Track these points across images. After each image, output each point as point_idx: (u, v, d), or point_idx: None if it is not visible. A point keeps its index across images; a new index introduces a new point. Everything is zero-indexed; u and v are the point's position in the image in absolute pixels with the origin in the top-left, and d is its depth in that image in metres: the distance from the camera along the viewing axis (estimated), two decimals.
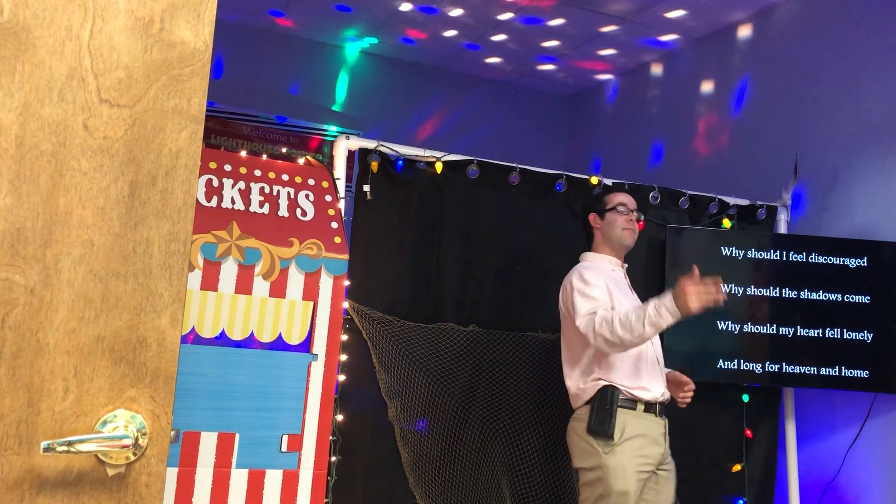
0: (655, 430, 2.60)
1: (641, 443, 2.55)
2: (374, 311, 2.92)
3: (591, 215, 2.83)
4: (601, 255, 2.80)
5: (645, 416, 2.58)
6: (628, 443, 2.52)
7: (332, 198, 2.74)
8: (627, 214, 2.77)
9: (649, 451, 2.56)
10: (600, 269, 2.73)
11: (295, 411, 2.48)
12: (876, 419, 3.26)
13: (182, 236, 1.06)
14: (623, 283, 2.76)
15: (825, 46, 3.77)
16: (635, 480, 2.50)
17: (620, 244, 2.78)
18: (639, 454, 2.53)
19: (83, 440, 0.97)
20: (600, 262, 2.78)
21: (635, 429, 2.54)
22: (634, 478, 2.50)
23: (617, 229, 2.76)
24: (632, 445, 2.52)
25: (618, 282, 2.73)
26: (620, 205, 2.78)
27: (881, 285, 3.24)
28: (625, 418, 2.53)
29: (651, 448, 2.57)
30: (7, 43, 0.99)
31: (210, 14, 1.09)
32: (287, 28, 5.04)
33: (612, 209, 2.78)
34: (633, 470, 2.50)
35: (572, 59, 5.12)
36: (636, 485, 2.51)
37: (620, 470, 2.48)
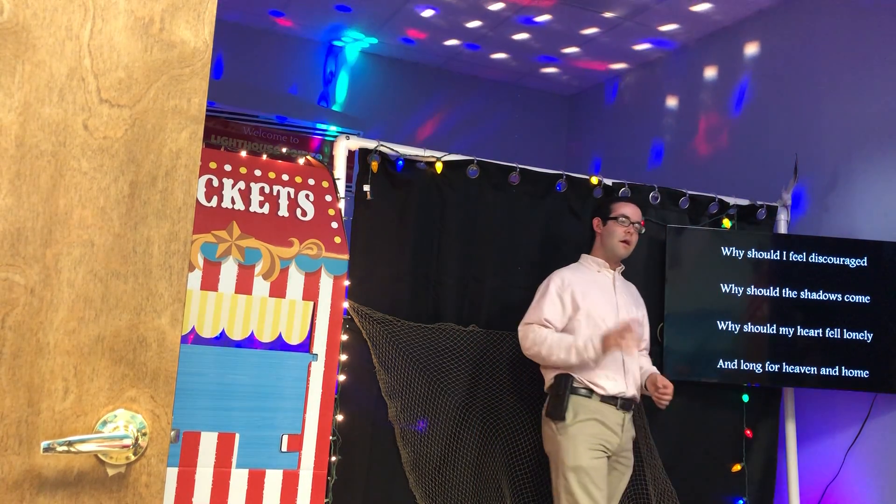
0: (612, 418, 2.75)
1: (594, 425, 2.73)
2: (374, 311, 2.92)
3: (595, 219, 3.00)
4: (592, 258, 2.97)
5: (601, 405, 2.75)
6: (581, 423, 2.72)
7: (332, 198, 2.74)
8: (627, 227, 2.91)
9: (605, 436, 2.73)
10: (586, 272, 2.92)
11: (295, 411, 2.47)
12: (876, 419, 3.26)
13: (182, 236, 1.06)
14: (605, 286, 2.90)
15: (825, 46, 3.77)
16: (589, 458, 2.67)
17: (613, 253, 2.94)
18: (591, 433, 2.71)
19: (83, 440, 0.97)
20: (589, 265, 2.96)
21: (588, 412, 2.73)
22: (588, 455, 2.67)
23: (613, 239, 2.92)
24: (584, 425, 2.71)
25: (598, 284, 2.89)
26: (623, 216, 2.92)
27: (881, 285, 3.24)
28: (578, 403, 2.74)
29: (607, 433, 2.73)
30: (7, 43, 0.99)
31: (210, 14, 1.09)
32: (287, 28, 5.04)
33: (614, 219, 2.93)
34: (584, 446, 2.68)
35: (572, 59, 5.12)
36: (591, 462, 2.67)
37: (572, 446, 2.69)
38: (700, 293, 3.29)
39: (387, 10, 4.59)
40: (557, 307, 2.80)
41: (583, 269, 2.94)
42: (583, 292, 2.82)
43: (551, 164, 3.40)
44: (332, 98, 5.27)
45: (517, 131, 5.63)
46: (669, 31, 4.52)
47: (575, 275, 2.89)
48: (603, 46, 4.85)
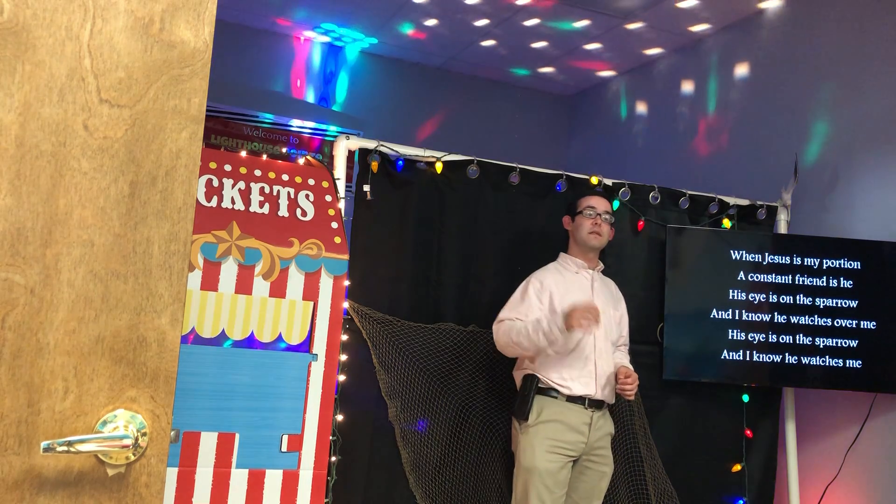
0: (576, 418, 2.74)
1: (556, 427, 2.71)
2: (374, 311, 2.92)
3: (565, 218, 3.00)
4: (570, 258, 2.96)
5: (566, 405, 2.74)
6: (542, 425, 2.71)
7: (332, 198, 2.74)
8: (594, 218, 2.89)
9: (567, 437, 2.72)
10: (564, 272, 2.90)
11: (295, 411, 2.47)
12: (876, 419, 3.26)
13: (182, 236, 1.06)
14: (583, 286, 2.88)
15: (825, 46, 3.77)
16: (545, 460, 2.68)
17: (586, 246, 2.91)
18: (551, 436, 2.70)
19: (83, 440, 0.97)
20: (566, 265, 2.94)
21: (551, 414, 2.73)
22: (544, 458, 2.68)
23: (583, 232, 2.90)
24: (545, 427, 2.71)
25: (576, 285, 2.87)
26: (589, 208, 2.92)
27: (881, 285, 3.24)
28: (543, 404, 2.74)
29: (570, 434, 2.72)
30: (7, 43, 0.99)
31: (210, 14, 1.09)
32: (286, 28, 5.04)
33: (580, 212, 2.92)
34: (541, 449, 2.69)
35: (572, 59, 5.12)
36: (547, 465, 2.68)
37: (529, 448, 2.70)
38: (700, 293, 3.29)
39: (387, 10, 4.59)
40: (533, 306, 2.78)
41: (561, 270, 2.91)
42: (560, 295, 2.79)
43: (551, 164, 3.40)
44: (332, 98, 5.27)
45: (517, 131, 5.63)
46: (669, 30, 4.52)
47: (553, 276, 2.86)
48: (603, 46, 4.85)
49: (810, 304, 3.26)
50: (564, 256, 2.96)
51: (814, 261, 3.29)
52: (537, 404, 2.73)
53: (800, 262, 3.29)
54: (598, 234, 2.89)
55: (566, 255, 2.96)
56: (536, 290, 2.81)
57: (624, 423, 3.19)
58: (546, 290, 2.80)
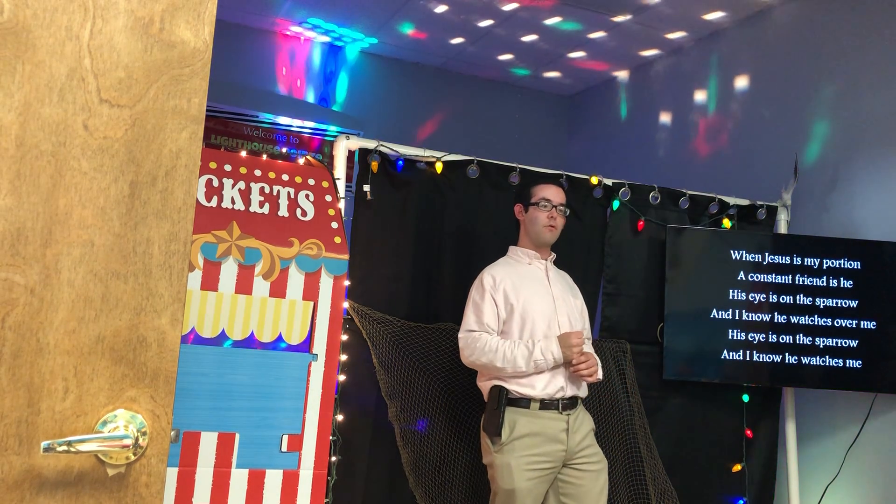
0: (553, 427, 2.57)
1: (532, 441, 2.55)
2: (374, 311, 2.92)
3: (517, 206, 2.82)
4: (522, 250, 2.79)
5: (539, 415, 2.57)
6: (517, 442, 2.54)
7: (332, 198, 2.74)
8: (549, 211, 2.73)
9: (544, 448, 2.55)
10: (517, 265, 2.75)
11: (295, 411, 2.47)
12: (876, 419, 3.26)
13: (182, 236, 1.06)
14: (538, 278, 2.73)
15: (825, 46, 3.77)
16: (524, 479, 2.52)
17: (539, 240, 2.75)
18: (528, 453, 2.54)
19: (83, 440, 0.97)
20: (519, 258, 2.78)
21: (525, 428, 2.56)
22: (522, 476, 2.52)
23: (537, 225, 2.73)
24: (521, 444, 2.54)
25: (530, 277, 2.72)
26: (544, 200, 2.74)
27: (881, 285, 3.25)
28: (515, 417, 2.56)
29: (547, 446, 2.56)
30: (7, 43, 0.99)
31: (210, 14, 1.09)
32: (286, 28, 5.04)
33: (535, 204, 2.75)
34: (520, 469, 2.52)
35: (572, 59, 5.12)
36: (526, 483, 2.52)
37: (506, 469, 2.53)
38: (700, 293, 3.29)
39: (387, 10, 4.59)
40: (491, 310, 2.64)
41: (512, 263, 2.76)
42: (515, 289, 2.65)
43: (551, 164, 3.40)
44: (332, 98, 5.27)
45: (517, 131, 5.63)
46: (669, 30, 4.52)
47: (505, 270, 2.71)
48: (603, 46, 4.85)
49: (810, 304, 3.26)
50: (514, 249, 2.81)
51: (814, 261, 3.29)
52: (509, 418, 2.56)
53: (800, 262, 3.29)
54: (552, 228, 2.73)
55: (516, 248, 2.81)
56: (491, 288, 2.66)
57: (624, 423, 3.19)
58: (500, 287, 2.66)
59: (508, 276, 2.69)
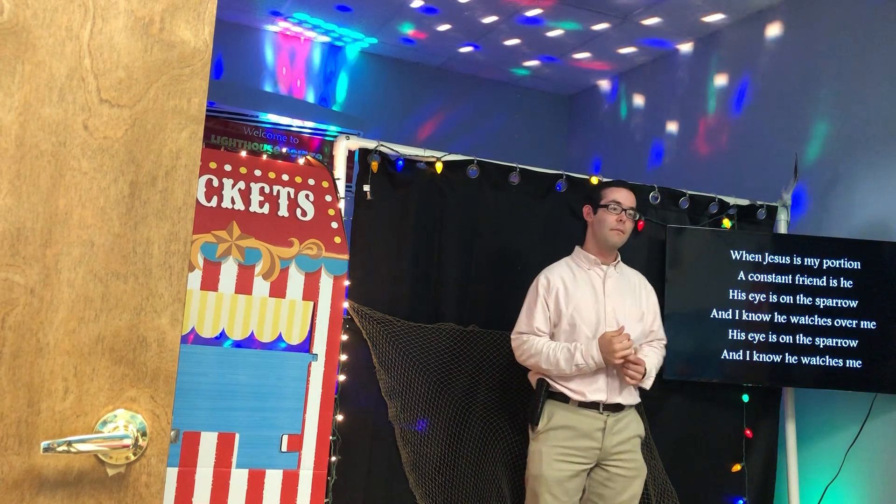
0: (589, 424, 2.61)
1: (566, 434, 2.61)
2: (374, 311, 2.92)
3: (586, 207, 2.83)
4: (584, 253, 2.80)
5: (577, 410, 2.62)
6: (552, 432, 2.62)
7: (332, 198, 2.74)
8: (618, 214, 2.72)
9: (576, 443, 2.60)
10: (576, 270, 2.76)
11: (295, 411, 2.48)
12: (876, 419, 3.26)
13: (182, 236, 1.06)
14: (593, 285, 2.73)
15: (825, 47, 3.77)
16: (552, 468, 2.58)
17: (606, 243, 2.75)
18: (560, 444, 2.60)
19: (83, 440, 0.97)
20: (579, 262, 2.79)
21: (561, 420, 2.62)
22: (551, 465, 2.58)
23: (605, 228, 2.73)
24: (555, 435, 2.61)
25: (586, 284, 2.72)
26: (614, 203, 2.72)
27: (881, 285, 3.24)
28: (553, 409, 2.64)
29: (580, 441, 2.61)
30: (7, 43, 0.99)
31: (210, 14, 1.09)
32: (286, 28, 5.04)
33: (605, 206, 2.74)
34: (549, 457, 2.59)
35: (572, 59, 5.12)
36: (555, 473, 2.58)
37: (538, 455, 2.61)
38: (700, 293, 3.29)
39: (387, 10, 4.59)
40: (545, 314, 2.69)
41: (572, 266, 2.76)
42: (567, 295, 2.67)
43: (551, 164, 3.40)
44: (332, 98, 5.27)
45: (517, 131, 5.63)
46: (669, 30, 4.52)
47: (562, 273, 2.72)
48: (603, 46, 4.85)
49: (810, 304, 3.26)
50: (579, 251, 2.81)
51: (814, 261, 3.29)
52: (548, 410, 2.63)
53: (800, 262, 3.29)
54: (620, 232, 2.71)
55: (580, 250, 2.81)
56: (544, 291, 2.69)
57: None
58: (553, 292, 2.68)
59: (563, 281, 2.71)
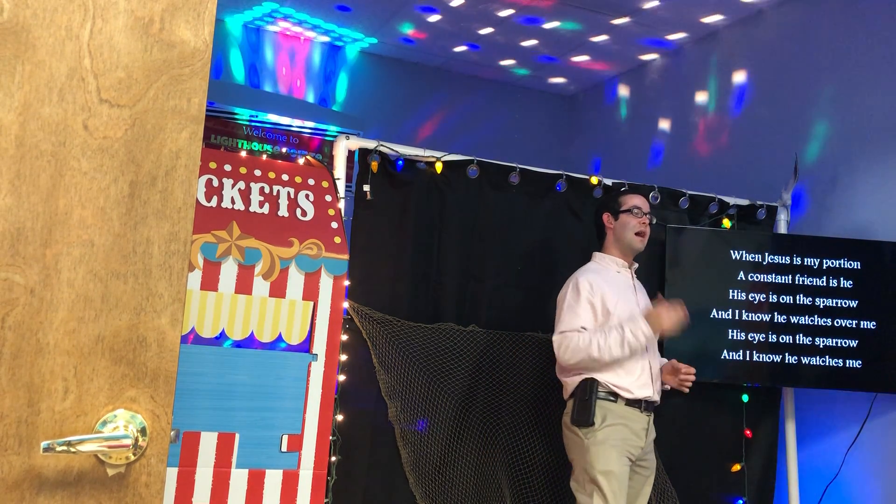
0: (637, 422, 2.68)
1: (623, 429, 2.64)
2: (374, 311, 2.92)
3: (605, 215, 2.88)
4: (609, 257, 2.86)
5: (626, 408, 2.67)
6: (610, 428, 2.63)
7: (332, 198, 2.74)
8: (641, 217, 2.82)
9: (631, 440, 2.65)
10: (606, 272, 2.80)
11: (295, 411, 2.47)
12: (876, 419, 3.26)
13: (182, 236, 1.06)
14: (626, 286, 2.80)
15: (825, 46, 3.77)
16: (619, 462, 2.59)
17: (630, 247, 2.83)
18: (620, 437, 2.62)
19: (83, 440, 0.97)
20: (607, 265, 2.84)
21: (616, 417, 2.65)
22: (618, 461, 2.59)
23: (629, 232, 2.81)
24: (613, 430, 2.62)
25: (620, 285, 2.78)
26: (636, 208, 2.83)
27: (881, 285, 3.24)
28: (606, 407, 2.64)
29: (632, 438, 2.66)
30: (7, 43, 0.99)
31: (210, 14, 1.09)
32: (286, 28, 5.04)
33: (627, 211, 2.83)
34: (615, 451, 2.60)
35: (572, 59, 5.12)
36: (621, 467, 2.59)
37: (602, 450, 2.59)
38: (700, 293, 3.29)
39: (387, 10, 4.59)
40: (590, 314, 2.68)
41: (601, 270, 2.80)
42: (611, 296, 2.70)
43: (551, 164, 3.40)
44: (332, 98, 5.27)
45: (517, 131, 5.63)
46: (669, 30, 4.52)
47: (600, 276, 2.75)
48: (603, 47, 4.85)
49: (810, 304, 3.26)
50: (602, 256, 2.86)
51: (814, 261, 3.29)
52: (599, 409, 2.62)
53: (800, 262, 3.29)
54: (643, 236, 2.82)
55: (603, 255, 2.86)
56: (588, 293, 2.68)
57: None
58: (598, 293, 2.69)
59: (604, 283, 2.73)
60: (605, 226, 2.87)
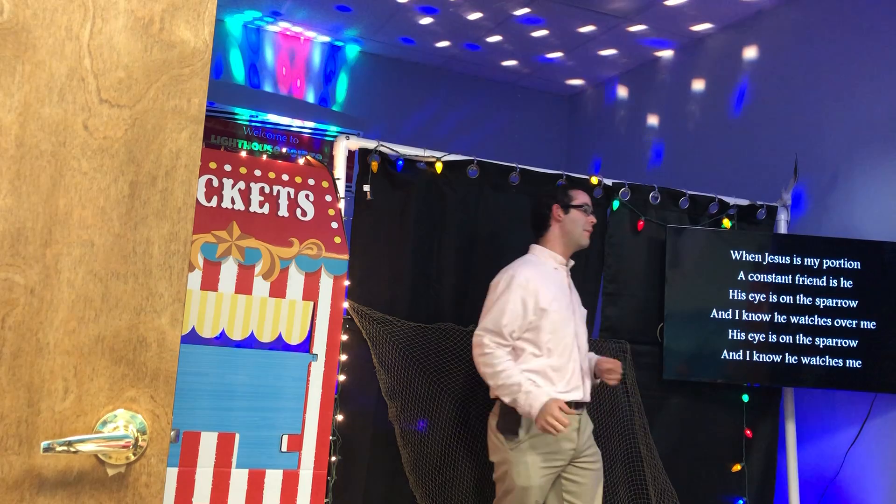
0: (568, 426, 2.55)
1: (548, 439, 2.55)
2: (374, 311, 2.92)
3: (554, 206, 2.78)
4: (549, 252, 2.77)
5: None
6: (535, 439, 2.56)
7: (332, 198, 2.74)
8: (589, 216, 2.78)
9: (557, 446, 2.58)
10: (543, 268, 2.72)
11: (295, 411, 2.47)
12: (876, 419, 3.26)
13: (182, 236, 1.06)
14: (561, 284, 2.73)
15: (825, 47, 3.77)
16: (539, 477, 2.55)
17: (578, 244, 2.78)
18: (545, 451, 2.57)
19: (83, 440, 0.97)
20: (545, 260, 2.76)
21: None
22: (538, 474, 2.55)
23: (578, 228, 2.76)
24: (538, 442, 2.56)
25: (556, 282, 2.71)
26: (586, 205, 2.78)
27: (881, 285, 3.25)
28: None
29: (560, 444, 2.58)
30: (7, 43, 0.99)
31: (210, 14, 1.09)
32: (287, 28, 5.04)
33: (579, 207, 2.77)
34: (536, 466, 2.55)
35: (572, 59, 5.12)
36: (540, 481, 2.56)
37: (524, 466, 2.55)
38: (700, 293, 3.29)
39: (387, 10, 4.59)
40: (518, 315, 2.58)
41: (538, 264, 2.71)
42: (545, 295, 2.61)
43: (551, 164, 3.40)
44: (332, 98, 5.27)
45: (517, 131, 5.63)
46: (670, 31, 4.52)
47: (535, 272, 2.66)
48: (603, 47, 4.85)
49: (810, 304, 3.26)
50: (541, 250, 2.77)
51: (814, 261, 3.29)
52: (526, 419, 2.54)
53: (800, 262, 3.29)
54: (590, 233, 2.78)
55: (543, 249, 2.77)
56: (522, 291, 2.60)
57: (624, 423, 3.18)
58: (532, 293, 2.60)
59: (539, 280, 2.64)
60: (552, 218, 2.76)
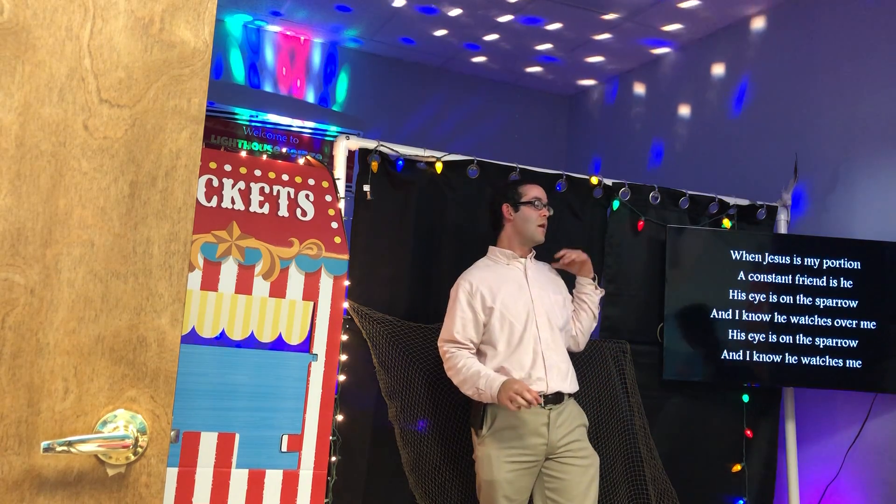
0: (533, 420, 2.58)
1: (512, 434, 2.58)
2: (374, 311, 2.92)
3: (504, 206, 2.80)
4: (500, 250, 2.80)
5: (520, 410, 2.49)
6: (498, 434, 2.59)
7: (332, 198, 2.74)
8: (541, 210, 2.76)
9: (523, 441, 2.58)
10: (495, 267, 2.76)
11: (295, 411, 2.47)
12: (876, 419, 3.26)
13: (182, 236, 1.06)
14: (515, 279, 2.73)
15: (825, 46, 3.77)
16: (505, 471, 2.57)
17: (532, 240, 2.78)
18: (507, 445, 2.58)
19: (83, 440, 0.97)
20: (497, 258, 2.80)
21: (505, 421, 2.59)
22: (503, 468, 2.57)
23: (531, 225, 2.75)
24: (500, 437, 2.59)
25: (508, 279, 2.72)
26: (536, 199, 2.76)
27: (881, 285, 3.25)
28: (496, 410, 2.60)
29: (527, 439, 2.58)
30: (7, 43, 0.99)
31: (210, 14, 1.10)
32: (287, 28, 5.04)
33: (528, 203, 2.77)
34: (499, 460, 2.57)
35: (572, 59, 5.12)
36: (507, 475, 2.56)
37: (486, 460, 2.59)
38: (700, 293, 3.29)
39: (387, 10, 4.59)
40: (469, 319, 2.65)
41: (491, 265, 2.77)
42: (492, 292, 2.66)
43: (551, 164, 3.40)
44: (332, 98, 5.27)
45: (517, 131, 5.63)
46: (670, 31, 4.52)
47: (483, 273, 2.72)
48: (603, 46, 4.85)
49: (810, 304, 3.26)
50: (494, 250, 2.82)
51: (814, 261, 3.29)
52: (490, 411, 2.60)
53: (800, 262, 3.29)
54: (544, 227, 2.77)
55: (495, 248, 2.82)
56: (467, 296, 2.67)
57: (624, 423, 3.18)
58: (476, 294, 2.66)
59: (485, 280, 2.70)
60: (504, 217, 2.79)
